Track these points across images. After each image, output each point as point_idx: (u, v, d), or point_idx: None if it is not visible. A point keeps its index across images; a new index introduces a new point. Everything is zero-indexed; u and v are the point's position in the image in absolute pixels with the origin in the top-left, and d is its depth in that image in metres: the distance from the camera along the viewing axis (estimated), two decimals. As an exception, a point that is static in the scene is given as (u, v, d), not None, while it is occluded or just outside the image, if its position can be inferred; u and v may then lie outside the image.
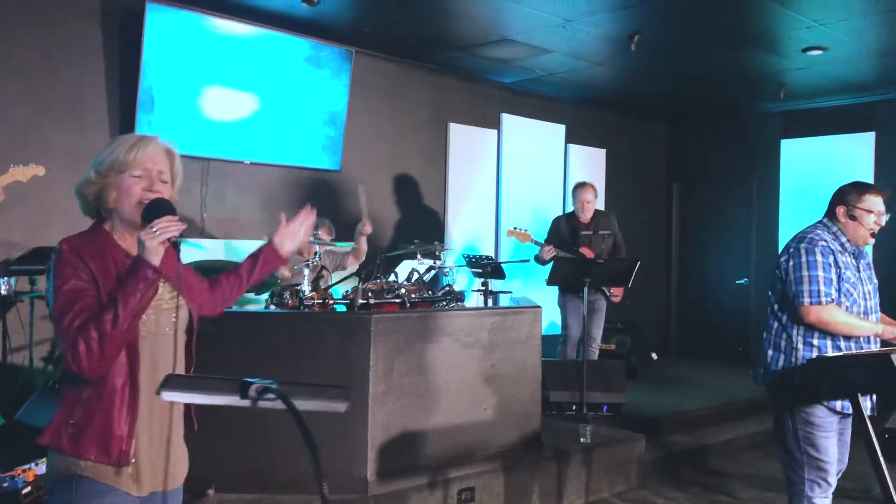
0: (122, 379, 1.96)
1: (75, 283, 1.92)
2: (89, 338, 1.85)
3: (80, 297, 1.91)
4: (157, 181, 2.07)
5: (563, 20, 6.02)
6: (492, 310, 4.80)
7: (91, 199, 2.06)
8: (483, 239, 8.11)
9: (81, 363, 1.86)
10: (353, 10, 6.02)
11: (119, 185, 2.03)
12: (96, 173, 2.05)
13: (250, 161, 6.24)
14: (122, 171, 2.03)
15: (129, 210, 2.03)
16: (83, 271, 1.93)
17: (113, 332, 1.86)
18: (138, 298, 1.89)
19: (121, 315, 1.86)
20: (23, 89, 5.19)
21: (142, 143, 2.07)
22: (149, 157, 2.06)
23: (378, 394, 4.00)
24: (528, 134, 8.47)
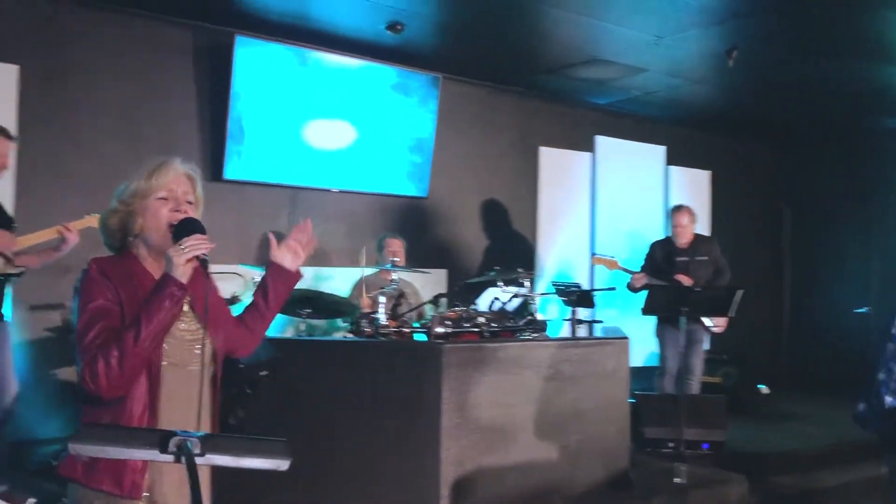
0: (141, 407, 1.90)
1: (101, 303, 1.89)
2: (109, 355, 1.81)
3: (104, 316, 1.88)
4: (182, 202, 2.03)
5: (656, 37, 5.78)
6: (574, 341, 4.57)
7: (116, 229, 2.04)
8: (577, 266, 7.85)
9: (99, 381, 1.81)
10: (439, 36, 5.98)
11: (145, 210, 2.00)
12: (120, 202, 2.03)
13: (338, 189, 6.27)
14: (147, 195, 2.00)
15: (158, 233, 1.99)
16: (110, 292, 1.90)
17: (135, 349, 1.81)
18: (163, 315, 1.85)
19: (143, 331, 1.82)
20: (117, 125, 5.39)
21: (163, 167, 2.04)
22: (172, 180, 2.03)
23: (451, 427, 3.83)
24: (624, 156, 8.18)
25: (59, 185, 5.08)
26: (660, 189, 8.50)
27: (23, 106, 4.99)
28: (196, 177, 2.11)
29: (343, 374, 3.97)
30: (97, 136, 5.29)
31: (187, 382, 1.99)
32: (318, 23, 5.67)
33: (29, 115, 5.00)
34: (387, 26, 5.64)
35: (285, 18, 5.58)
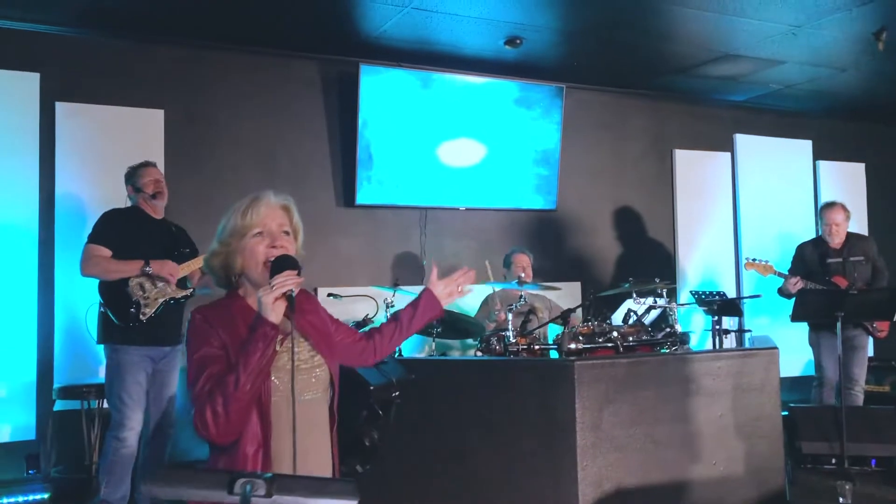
0: (255, 446, 1.91)
1: (206, 351, 1.92)
2: (215, 402, 1.83)
3: (209, 363, 1.90)
4: (278, 236, 2.03)
5: (791, 27, 5.43)
6: (717, 353, 4.32)
7: (219, 269, 2.07)
8: (722, 273, 7.47)
9: (209, 429, 1.84)
10: (559, 46, 5.89)
11: (243, 250, 2.02)
12: (219, 243, 2.06)
13: (465, 207, 6.29)
14: (244, 234, 2.02)
15: (257, 271, 2.01)
16: (214, 339, 1.93)
17: (236, 394, 1.83)
18: (258, 357, 1.85)
19: (242, 376, 1.84)
20: (254, 159, 5.67)
21: (255, 203, 2.05)
22: (265, 215, 2.03)
23: (587, 446, 3.71)
24: (768, 154, 7.73)
25: (203, 217, 5.38)
26: (809, 186, 7.97)
27: (168, 147, 5.35)
28: (291, 206, 2.11)
29: (473, 393, 3.94)
30: (236, 171, 5.57)
31: (302, 413, 1.98)
32: (439, 45, 5.73)
33: (174, 155, 5.35)
34: (505, 42, 5.62)
35: (406, 44, 5.68)
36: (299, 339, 2.05)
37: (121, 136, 5.20)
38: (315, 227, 5.78)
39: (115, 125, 5.21)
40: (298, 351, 2.02)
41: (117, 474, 3.91)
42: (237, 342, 1.92)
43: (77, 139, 5.11)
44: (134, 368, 4.01)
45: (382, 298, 5.04)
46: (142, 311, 4.02)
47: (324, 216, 5.84)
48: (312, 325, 2.14)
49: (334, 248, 5.86)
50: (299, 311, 2.07)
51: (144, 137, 5.27)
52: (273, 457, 1.94)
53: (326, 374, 2.08)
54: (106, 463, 3.95)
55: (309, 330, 2.11)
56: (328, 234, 5.84)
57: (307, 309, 2.16)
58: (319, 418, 2.05)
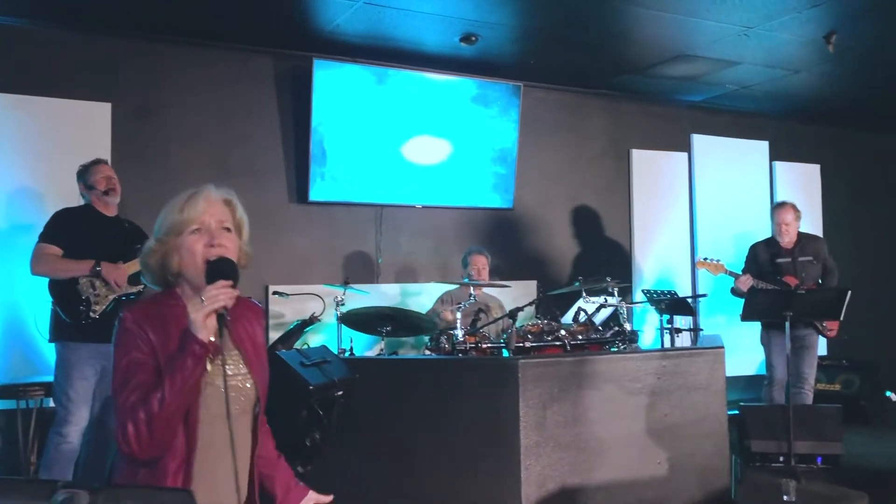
0: (176, 462, 1.80)
1: (133, 356, 1.80)
2: (137, 419, 1.72)
3: (136, 372, 1.78)
4: (218, 233, 1.89)
5: (744, 28, 5.47)
6: (663, 352, 4.34)
7: (156, 268, 1.94)
8: (678, 272, 7.52)
9: (131, 446, 1.73)
10: (516, 44, 5.87)
11: (180, 248, 1.89)
12: (156, 241, 1.93)
13: (422, 205, 6.25)
14: (180, 231, 1.89)
15: (195, 271, 1.88)
16: (143, 342, 1.81)
17: (160, 413, 1.72)
18: (185, 376, 1.74)
19: (168, 395, 1.72)
20: (205, 154, 5.58)
21: (192, 198, 1.92)
22: (204, 210, 1.90)
23: (530, 446, 3.69)
24: (724, 154, 7.80)
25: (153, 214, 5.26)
26: (765, 187, 8.05)
27: (116, 142, 5.24)
28: (234, 200, 1.98)
29: (419, 393, 3.92)
30: (187, 166, 5.48)
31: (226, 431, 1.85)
32: (394, 41, 5.69)
33: (122, 151, 5.24)
34: (461, 38, 5.59)
35: (361, 39, 5.63)
36: (231, 350, 1.94)
37: (66, 130, 5.08)
38: (267, 224, 5.71)
39: (59, 119, 5.09)
40: (232, 365, 1.91)
41: (56, 471, 3.85)
42: (169, 347, 1.82)
43: (19, 132, 4.98)
44: (82, 365, 3.98)
45: (332, 297, 5.00)
46: (92, 309, 4.00)
47: (276, 213, 5.77)
48: (249, 336, 2.02)
49: (287, 245, 5.79)
50: (236, 320, 1.97)
51: (91, 132, 5.16)
52: (195, 475, 1.83)
53: (254, 391, 1.96)
54: (46, 459, 3.91)
55: (244, 341, 1.99)
56: (280, 231, 5.77)
57: (245, 317, 2.03)
58: (241, 438, 1.91)
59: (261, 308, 2.19)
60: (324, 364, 3.62)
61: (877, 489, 4.84)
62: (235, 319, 1.98)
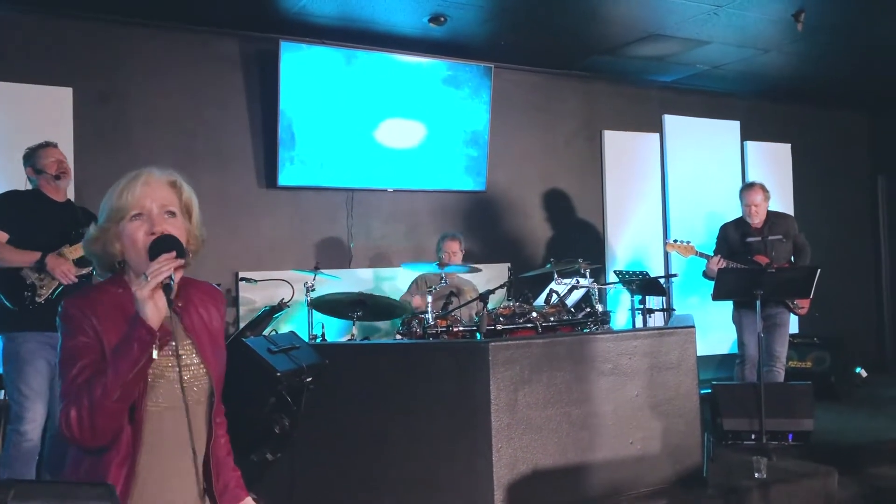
0: (120, 456, 1.74)
1: (79, 340, 1.73)
2: (81, 406, 1.65)
3: (81, 355, 1.72)
4: (160, 219, 1.81)
5: (713, 6, 5.45)
6: (633, 332, 4.33)
7: (100, 254, 1.86)
8: (650, 254, 7.54)
9: (73, 431, 1.67)
10: (485, 24, 5.81)
11: (121, 234, 1.81)
12: (98, 227, 1.85)
13: (393, 189, 6.20)
14: (121, 217, 1.81)
15: (137, 258, 1.80)
16: (89, 327, 1.75)
17: (103, 402, 1.64)
18: (130, 363, 1.66)
19: (111, 383, 1.64)
20: (170, 139, 5.48)
21: (132, 183, 1.83)
22: (144, 195, 1.81)
23: (502, 427, 3.69)
24: (696, 134, 7.81)
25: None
26: (736, 167, 8.08)
27: (78, 127, 5.13)
28: (179, 181, 1.89)
29: (390, 377, 3.89)
30: (152, 152, 5.37)
31: (178, 422, 1.78)
32: (362, 22, 5.61)
33: (84, 136, 5.14)
34: (429, 19, 5.53)
35: (328, 20, 5.54)
36: (184, 340, 1.87)
37: (26, 114, 4.96)
38: (236, 209, 5.64)
39: (19, 103, 4.96)
40: (185, 353, 1.84)
41: (18, 469, 3.73)
42: (114, 335, 1.74)
43: (-23, 117, 4.87)
44: (32, 357, 3.78)
45: (303, 282, 4.95)
46: (38, 293, 3.81)
47: (245, 198, 5.69)
48: (204, 322, 1.94)
49: (256, 230, 5.72)
50: (190, 304, 1.92)
51: (52, 116, 5.05)
52: (143, 470, 1.77)
53: (208, 381, 1.88)
54: (6, 457, 3.77)
55: (198, 329, 1.91)
56: (250, 217, 5.69)
57: (201, 302, 1.96)
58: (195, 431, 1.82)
59: (221, 293, 2.11)
60: (292, 350, 3.58)
61: (846, 464, 4.90)
62: (189, 305, 1.93)
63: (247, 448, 3.49)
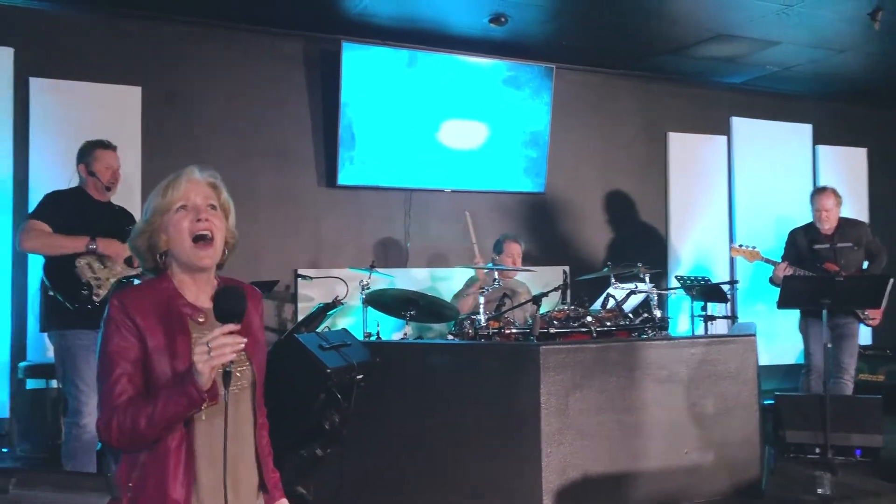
0: (177, 440, 1.81)
1: (117, 344, 1.80)
2: (123, 423, 1.75)
3: (119, 360, 1.79)
4: (203, 209, 1.89)
5: (783, 5, 5.28)
6: (691, 340, 4.23)
7: (144, 250, 1.93)
8: (715, 259, 7.34)
9: (112, 441, 1.77)
10: (547, 24, 5.76)
11: (166, 226, 1.88)
12: (143, 222, 1.92)
13: (451, 189, 6.19)
14: (166, 210, 1.89)
15: (183, 248, 1.87)
16: (128, 330, 1.81)
17: (144, 432, 1.75)
18: (177, 412, 1.75)
19: (156, 420, 1.74)
20: (233, 139, 5.60)
21: (176, 180, 1.91)
22: (188, 189, 1.90)
23: (552, 433, 3.65)
24: (765, 138, 7.58)
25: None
26: (807, 171, 7.81)
27: (146, 125, 5.28)
28: (218, 183, 1.98)
29: (439, 378, 3.88)
30: (215, 150, 5.50)
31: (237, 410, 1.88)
32: (423, 23, 5.63)
33: (151, 133, 5.28)
34: (490, 19, 5.50)
35: (390, 21, 5.58)
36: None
37: (97, 113, 5.12)
38: (296, 208, 5.72)
39: (91, 102, 5.14)
40: None
41: (80, 459, 3.84)
42: (158, 330, 1.82)
43: (51, 116, 5.05)
44: (86, 353, 3.80)
45: (358, 280, 4.98)
46: (94, 293, 3.83)
47: (305, 197, 5.77)
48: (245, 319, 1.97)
49: (315, 229, 5.79)
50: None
51: (121, 115, 5.21)
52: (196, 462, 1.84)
53: (250, 373, 1.94)
54: (67, 449, 3.86)
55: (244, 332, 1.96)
56: (309, 215, 5.77)
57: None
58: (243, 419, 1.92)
59: (259, 293, 2.16)
60: (343, 347, 3.59)
61: (918, 484, 4.68)
62: None
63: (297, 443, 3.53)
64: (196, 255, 1.88)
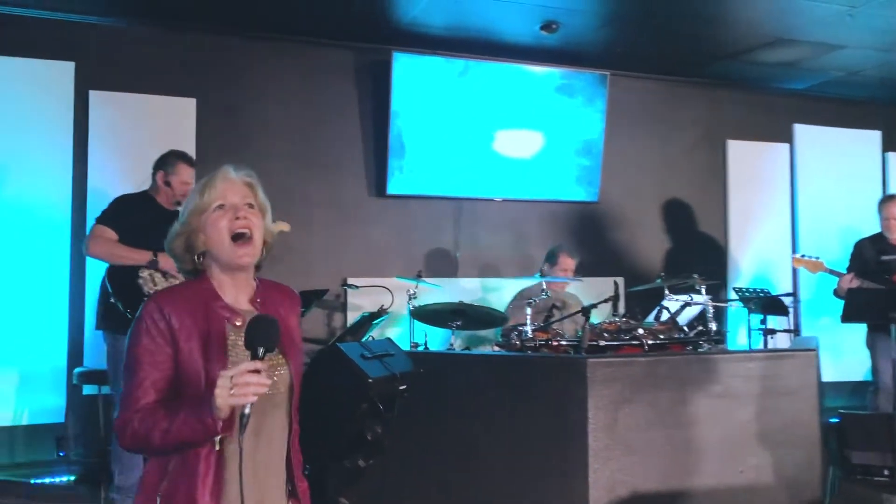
0: (208, 447, 1.79)
1: (145, 346, 1.80)
2: (138, 431, 1.74)
3: (144, 363, 1.79)
4: (241, 208, 1.88)
5: (847, 7, 5.08)
6: (746, 353, 4.06)
7: (181, 251, 1.94)
8: (778, 269, 7.09)
9: (125, 444, 1.79)
10: (600, 31, 5.67)
11: (205, 226, 1.88)
12: (181, 224, 1.94)
13: (502, 198, 6.13)
14: (204, 210, 1.89)
15: (223, 247, 1.87)
16: (159, 332, 1.80)
17: (157, 446, 1.75)
18: (192, 438, 1.73)
19: (170, 439, 1.73)
20: (286, 149, 5.65)
21: (214, 178, 1.91)
22: (225, 189, 1.89)
23: (600, 449, 3.53)
24: (830, 145, 7.31)
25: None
26: (877, 179, 7.50)
27: (200, 136, 5.36)
28: (254, 182, 1.96)
29: (484, 390, 3.81)
30: (268, 160, 5.54)
31: (261, 411, 1.82)
32: (474, 31, 5.60)
33: (206, 144, 5.35)
34: (541, 26, 5.44)
35: (441, 31, 5.57)
36: None
37: (153, 124, 5.23)
38: (346, 217, 5.74)
39: (147, 114, 5.25)
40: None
41: (127, 461, 3.89)
42: (194, 331, 1.81)
43: (110, 128, 5.17)
44: None
45: (405, 290, 4.95)
46: None
47: (355, 206, 5.79)
48: (281, 318, 1.92)
49: (364, 238, 5.79)
50: (268, 301, 1.97)
51: (176, 126, 5.31)
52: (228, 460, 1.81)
53: (288, 374, 1.92)
54: (116, 450, 3.94)
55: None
56: (359, 224, 5.78)
57: (280, 302, 2.01)
58: (276, 421, 1.90)
59: (298, 296, 2.16)
60: (386, 357, 3.55)
61: None
62: (268, 301, 1.98)
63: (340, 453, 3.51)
64: (235, 253, 1.87)
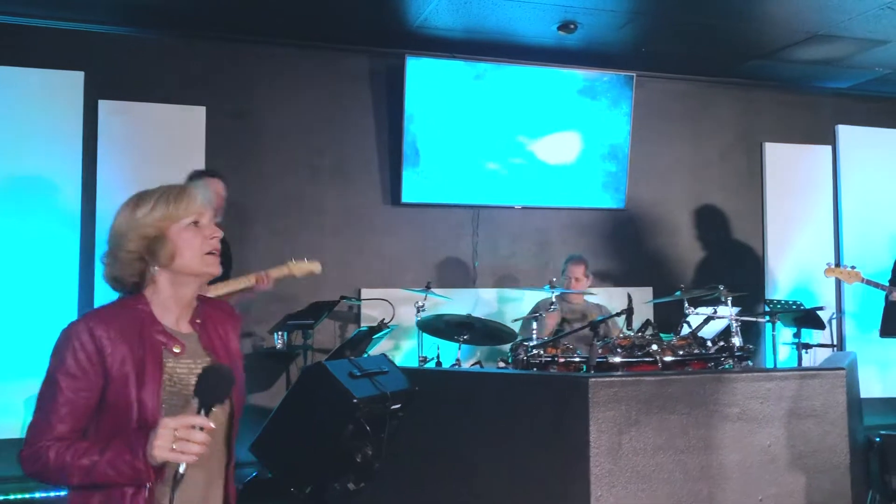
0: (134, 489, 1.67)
1: (69, 369, 1.65)
2: (51, 464, 1.62)
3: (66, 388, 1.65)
4: (215, 228, 1.85)
5: (888, 1, 4.74)
6: (766, 372, 3.77)
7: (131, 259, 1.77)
8: (819, 281, 6.67)
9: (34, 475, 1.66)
10: (623, 30, 5.41)
11: (177, 236, 1.77)
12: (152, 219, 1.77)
13: (522, 205, 5.92)
14: (177, 220, 1.78)
15: (194, 260, 1.79)
16: (88, 357, 1.66)
17: (75, 483, 1.64)
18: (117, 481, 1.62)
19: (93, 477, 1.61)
20: (297, 156, 5.54)
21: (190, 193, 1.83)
22: (202, 209, 1.82)
23: (602, 474, 3.30)
24: (876, 147, 6.91)
25: (245, 215, 5.30)
26: (927, 183, 7.06)
27: (210, 144, 5.28)
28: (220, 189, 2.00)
29: (482, 409, 3.61)
30: (279, 168, 5.46)
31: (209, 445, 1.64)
32: (489, 33, 5.40)
33: (216, 153, 5.28)
34: (559, 27, 5.22)
35: (455, 33, 5.39)
36: (203, 356, 1.81)
37: (163, 133, 5.18)
38: (360, 226, 5.60)
39: (157, 123, 5.20)
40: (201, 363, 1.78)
41: None
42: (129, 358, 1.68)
43: (119, 136, 5.13)
44: None
45: (413, 301, 4.78)
46: None
47: (369, 214, 5.64)
48: (222, 340, 1.89)
49: (378, 247, 5.64)
50: (208, 322, 1.88)
51: (186, 135, 5.24)
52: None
53: (228, 404, 1.82)
54: None
55: (216, 346, 1.86)
56: (373, 234, 5.63)
57: (220, 320, 1.92)
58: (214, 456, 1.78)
59: (238, 316, 2.05)
60: (378, 375, 3.38)
61: None
62: (208, 322, 1.89)
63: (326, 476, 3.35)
64: (206, 262, 1.82)
